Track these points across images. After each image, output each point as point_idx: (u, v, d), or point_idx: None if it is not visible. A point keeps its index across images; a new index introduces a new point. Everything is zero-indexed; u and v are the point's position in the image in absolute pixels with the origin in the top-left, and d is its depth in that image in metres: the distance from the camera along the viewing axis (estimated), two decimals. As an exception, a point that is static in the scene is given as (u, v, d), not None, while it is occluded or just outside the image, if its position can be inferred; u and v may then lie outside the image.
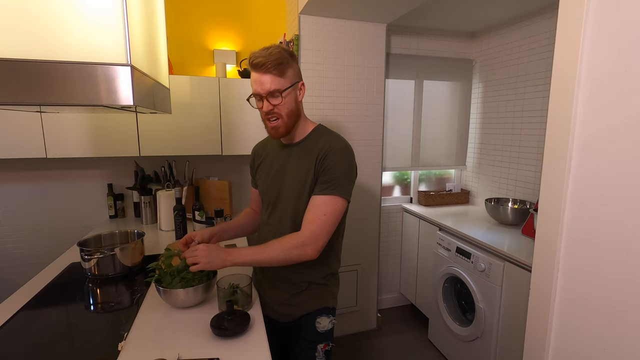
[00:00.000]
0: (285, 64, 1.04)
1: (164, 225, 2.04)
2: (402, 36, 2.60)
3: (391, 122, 2.66)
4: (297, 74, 1.10)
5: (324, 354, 1.19)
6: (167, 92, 1.32)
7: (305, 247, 1.03)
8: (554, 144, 1.07)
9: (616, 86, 0.91)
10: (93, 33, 0.83)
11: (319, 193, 1.06)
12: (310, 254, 1.04)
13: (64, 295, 1.27)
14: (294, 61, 1.09)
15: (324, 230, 1.04)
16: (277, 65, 1.02)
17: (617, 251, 0.93)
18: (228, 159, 2.45)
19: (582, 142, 1.00)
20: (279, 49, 1.03)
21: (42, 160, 2.12)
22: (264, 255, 1.04)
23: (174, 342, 0.97)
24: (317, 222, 1.04)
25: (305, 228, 1.05)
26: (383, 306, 2.88)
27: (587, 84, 0.98)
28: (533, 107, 2.26)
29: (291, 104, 1.08)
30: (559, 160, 1.05)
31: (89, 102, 0.86)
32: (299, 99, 1.11)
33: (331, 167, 1.06)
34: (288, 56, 1.05)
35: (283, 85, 1.04)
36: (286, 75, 1.05)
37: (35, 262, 2.14)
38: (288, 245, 1.03)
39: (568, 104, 1.02)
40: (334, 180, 1.05)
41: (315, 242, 1.03)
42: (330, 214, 1.05)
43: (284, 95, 1.05)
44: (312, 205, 1.06)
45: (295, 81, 1.09)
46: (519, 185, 2.40)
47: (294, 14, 2.15)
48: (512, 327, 1.73)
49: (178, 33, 2.25)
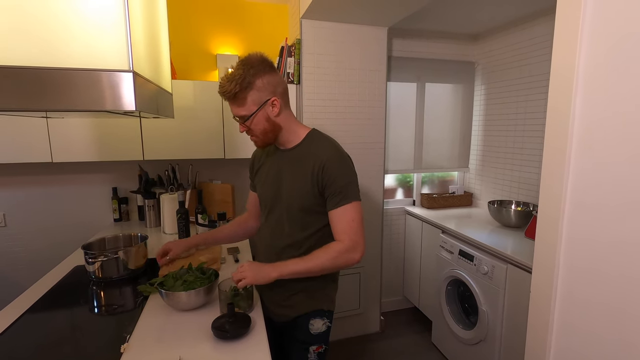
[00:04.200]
0: (244, 90, 1.03)
1: (168, 229, 2.05)
2: (403, 39, 2.61)
3: (393, 124, 2.66)
4: (266, 92, 1.07)
5: (317, 356, 1.20)
6: (169, 97, 1.34)
7: (350, 252, 1.08)
8: (552, 144, 1.07)
9: (615, 86, 0.91)
10: (96, 40, 0.85)
11: (335, 206, 1.09)
12: (356, 258, 1.09)
13: (68, 297, 1.29)
14: (258, 78, 1.05)
15: (359, 234, 1.09)
16: (234, 96, 1.04)
17: (617, 251, 0.92)
18: (231, 163, 2.46)
19: (581, 143, 1.00)
20: (242, 71, 1.03)
21: (48, 165, 2.15)
22: (311, 263, 1.08)
23: (176, 344, 0.98)
24: (350, 230, 1.08)
25: (342, 238, 1.08)
26: (386, 309, 2.87)
27: (585, 83, 0.98)
28: (536, 109, 2.25)
29: (261, 124, 1.10)
30: (558, 161, 1.05)
31: (93, 107, 0.88)
32: (272, 116, 1.09)
33: (334, 178, 1.08)
34: (251, 77, 1.03)
35: (247, 113, 1.07)
36: (246, 102, 1.06)
37: (41, 264, 2.16)
38: (334, 252, 1.07)
39: (566, 104, 1.02)
40: (342, 190, 1.08)
41: (357, 247, 1.08)
42: (356, 218, 1.09)
43: (249, 121, 1.08)
44: (336, 217, 1.09)
45: (262, 103, 1.07)
46: (522, 188, 2.39)
47: (296, 19, 2.17)
48: (516, 330, 1.72)
49: (181, 38, 2.28)
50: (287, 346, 1.24)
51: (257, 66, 1.05)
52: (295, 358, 1.20)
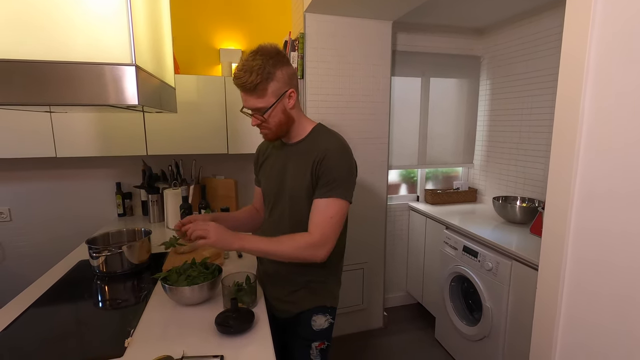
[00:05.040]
0: (265, 81, 1.00)
1: (171, 224, 2.05)
2: (408, 33, 2.58)
3: (397, 119, 2.64)
4: (284, 83, 1.05)
5: (319, 352, 1.19)
6: (172, 92, 1.33)
7: (316, 248, 1.03)
8: (561, 138, 1.06)
9: (626, 77, 0.89)
10: (98, 34, 0.84)
11: (321, 196, 1.05)
12: (320, 256, 1.05)
13: (72, 292, 1.29)
14: (278, 69, 1.02)
15: (332, 233, 1.05)
16: (255, 87, 1.00)
17: (626, 246, 0.91)
18: (234, 158, 2.46)
19: (590, 135, 0.98)
20: (262, 61, 0.99)
21: (52, 160, 2.16)
22: (274, 247, 1.04)
23: (180, 339, 0.98)
24: (326, 225, 1.04)
25: (314, 231, 1.04)
26: (389, 305, 2.87)
27: (596, 75, 0.96)
28: (542, 104, 2.23)
29: (278, 117, 1.07)
30: (567, 155, 1.04)
31: (96, 102, 0.87)
32: (288, 108, 1.08)
33: (330, 169, 1.05)
34: (271, 67, 1.00)
35: (266, 105, 1.03)
36: (267, 93, 1.02)
37: (45, 259, 2.17)
38: (301, 243, 1.03)
39: (576, 96, 1.00)
40: (334, 182, 1.05)
41: (325, 244, 1.04)
42: (336, 216, 1.05)
43: (267, 113, 1.05)
44: (317, 208, 1.06)
45: (281, 94, 1.05)
46: (527, 184, 2.37)
47: (299, 12, 2.15)
48: (520, 327, 1.71)
49: (184, 33, 2.27)
50: (290, 342, 1.23)
51: (276, 57, 1.02)
52: (297, 354, 1.20)
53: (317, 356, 1.19)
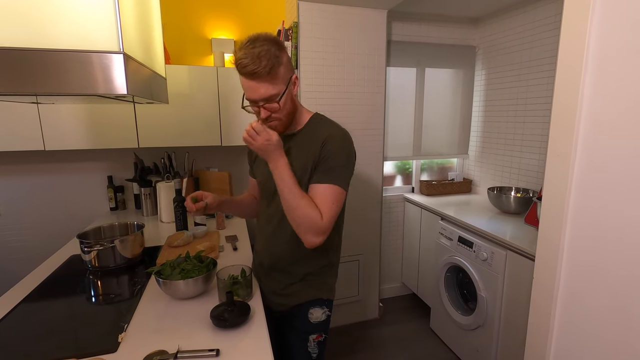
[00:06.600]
0: (277, 64, 0.94)
1: (165, 217, 2.03)
2: (403, 23, 2.55)
3: (392, 110, 2.63)
4: (289, 67, 1.00)
5: (316, 345, 1.18)
6: (163, 82, 1.30)
7: (319, 234, 0.99)
8: (559, 130, 1.05)
9: (625, 70, 0.88)
10: (84, 20, 0.81)
11: (320, 181, 1.01)
12: (318, 242, 1.01)
13: (64, 287, 1.27)
14: (283, 53, 0.97)
15: (332, 220, 1.01)
16: (269, 71, 0.92)
17: (623, 240, 0.91)
18: (228, 150, 2.43)
19: (589, 128, 0.98)
20: (267, 46, 0.92)
21: (40, 153, 2.11)
22: (294, 197, 0.97)
23: (174, 333, 0.97)
24: (329, 213, 1.00)
25: (323, 216, 0.99)
26: (385, 296, 2.89)
27: (595, 67, 0.95)
28: (537, 94, 2.22)
29: (288, 104, 1.02)
30: (565, 147, 1.03)
31: (83, 91, 0.84)
32: (294, 94, 1.05)
33: (331, 154, 1.02)
34: (277, 51, 0.94)
35: (279, 91, 0.96)
36: (279, 78, 0.95)
37: (36, 254, 2.14)
38: (312, 218, 0.97)
39: (574, 88, 0.99)
40: (334, 168, 1.02)
41: (325, 232, 1.00)
42: (337, 203, 1.02)
43: (282, 100, 0.98)
44: (317, 193, 1.00)
45: (289, 80, 1.00)
46: (522, 174, 2.38)
47: (293, 1, 2.11)
48: (515, 316, 1.73)
49: (175, 22, 2.21)
50: (287, 335, 1.22)
51: (277, 42, 0.97)
52: (294, 347, 1.19)
53: (315, 348, 1.18)
